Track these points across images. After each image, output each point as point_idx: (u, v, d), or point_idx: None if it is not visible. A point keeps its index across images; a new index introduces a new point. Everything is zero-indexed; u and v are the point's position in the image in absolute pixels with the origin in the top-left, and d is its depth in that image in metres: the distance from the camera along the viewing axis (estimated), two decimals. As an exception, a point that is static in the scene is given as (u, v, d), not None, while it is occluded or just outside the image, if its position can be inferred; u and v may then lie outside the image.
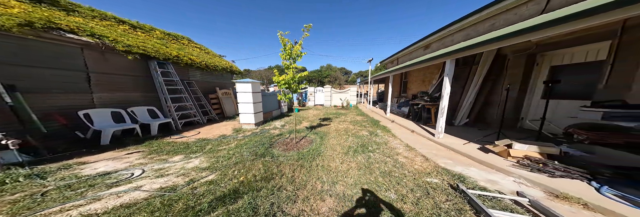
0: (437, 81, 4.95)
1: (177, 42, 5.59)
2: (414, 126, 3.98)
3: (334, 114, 6.50)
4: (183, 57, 4.53)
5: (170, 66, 4.24)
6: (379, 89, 14.59)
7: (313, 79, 30.90)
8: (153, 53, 3.78)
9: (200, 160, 2.26)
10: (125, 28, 4.13)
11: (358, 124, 4.61)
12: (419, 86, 6.31)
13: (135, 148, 2.73)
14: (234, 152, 2.47)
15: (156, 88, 3.99)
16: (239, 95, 3.98)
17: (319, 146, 2.78)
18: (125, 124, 3.22)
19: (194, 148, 2.70)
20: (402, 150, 2.66)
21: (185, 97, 4.47)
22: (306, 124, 4.60)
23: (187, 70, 4.98)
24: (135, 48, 3.45)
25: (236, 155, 2.38)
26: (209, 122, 4.91)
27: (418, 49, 6.28)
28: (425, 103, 4.11)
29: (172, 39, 5.54)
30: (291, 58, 2.47)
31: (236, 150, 2.58)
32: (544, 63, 2.83)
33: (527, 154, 1.78)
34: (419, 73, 6.32)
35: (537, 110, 2.89)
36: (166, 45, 4.65)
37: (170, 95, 4.03)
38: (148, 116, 3.74)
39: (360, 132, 3.83)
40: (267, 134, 3.49)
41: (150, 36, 4.61)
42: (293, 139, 3.02)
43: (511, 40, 1.64)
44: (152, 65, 3.89)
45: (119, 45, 3.19)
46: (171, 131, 3.84)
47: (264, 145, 2.76)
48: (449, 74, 2.62)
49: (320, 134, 3.54)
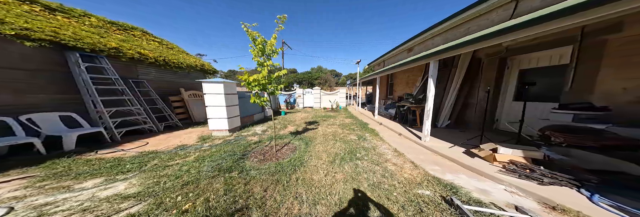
0: (420, 83, 5.09)
1: (124, 33, 4.47)
2: (401, 129, 3.94)
3: (323, 117, 6.28)
4: (127, 50, 3.61)
5: (104, 60, 3.32)
6: (367, 91, 14.95)
7: (303, 80, 30.59)
8: (72, 42, 2.85)
9: (129, 183, 1.70)
10: (33, 8, 3.06)
11: (347, 127, 4.44)
12: (403, 88, 6.47)
13: (22, 172, 1.90)
14: (189, 169, 1.97)
15: (80, 88, 3.05)
16: (208, 97, 3.42)
17: (303, 154, 2.50)
18: (13, 138, 2.29)
19: (129, 166, 2.07)
20: (391, 156, 2.52)
21: (129, 99, 3.62)
22: (292, 129, 4.27)
23: (134, 66, 4.02)
24: (39, 33, 2.56)
25: (191, 172, 1.88)
26: (167, 129, 4.17)
27: (402, 52, 6.47)
28: (410, 105, 4.13)
29: (117, 29, 4.41)
30: (265, 55, 2.16)
31: (193, 165, 2.07)
32: (513, 67, 3.02)
33: (512, 159, 1.74)
34: (403, 75, 6.50)
35: (510, 112, 3.05)
36: (103, 35, 3.70)
37: (103, 98, 3.14)
38: (61, 125, 2.82)
39: (348, 136, 3.64)
40: (242, 142, 3.05)
41: (78, 23, 3.57)
42: (273, 146, 2.67)
43: (488, 42, 1.66)
44: (71, 57, 2.94)
45: (5, 27, 2.33)
46: (102, 143, 2.98)
47: (235, 156, 2.35)
48: (433, 76, 2.59)
49: (306, 140, 3.26)
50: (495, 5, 2.88)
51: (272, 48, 2.17)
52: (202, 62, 5.94)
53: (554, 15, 1.17)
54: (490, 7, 2.97)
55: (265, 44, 2.11)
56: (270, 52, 2.21)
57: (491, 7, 2.96)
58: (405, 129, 3.87)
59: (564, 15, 1.13)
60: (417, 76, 5.57)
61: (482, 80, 3.46)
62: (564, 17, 1.13)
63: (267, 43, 2.14)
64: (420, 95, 4.90)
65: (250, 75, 2.05)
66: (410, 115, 4.11)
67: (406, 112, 4.31)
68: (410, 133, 3.55)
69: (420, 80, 5.16)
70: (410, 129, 3.88)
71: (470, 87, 3.72)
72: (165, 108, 4.37)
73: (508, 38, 1.47)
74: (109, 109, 3.21)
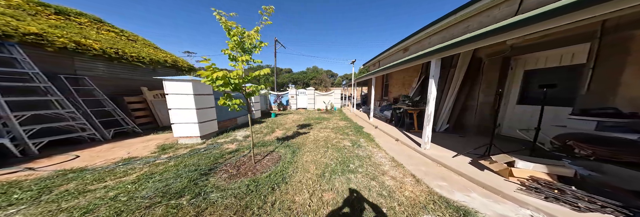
0: (417, 84, 4.86)
1: (63, 19, 3.57)
2: (397, 133, 3.64)
3: (316, 119, 5.89)
4: (56, 38, 2.80)
5: (14, 49, 2.59)
6: (363, 92, 14.77)
7: (298, 80, 30.09)
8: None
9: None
10: None
11: (340, 131, 4.08)
12: (399, 89, 6.25)
13: None
14: (117, 195, 1.45)
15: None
16: (171, 98, 2.84)
17: (287, 166, 2.10)
18: None
19: (20, 195, 1.45)
20: (388, 167, 2.18)
21: (59, 100, 2.87)
22: (280, 133, 3.84)
23: (70, 59, 3.23)
24: None
25: (118, 200, 1.37)
26: (119, 137, 3.40)
27: (397, 52, 6.26)
28: (407, 107, 3.85)
29: (53, 13, 3.52)
30: (242, 49, 1.75)
31: (127, 188, 1.54)
32: (518, 67, 2.82)
33: (533, 175, 1.45)
34: (399, 76, 6.29)
35: (514, 116, 2.83)
36: (21, 17, 2.84)
37: (11, 98, 2.42)
38: None
39: (342, 142, 3.28)
40: (214, 152, 2.54)
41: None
42: (252, 157, 2.23)
43: (497, 38, 1.43)
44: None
45: None
46: (9, 158, 2.25)
47: (197, 172, 1.87)
48: (434, 76, 2.30)
49: (294, 147, 2.85)
50: (499, 0, 2.67)
51: (253, 42, 1.77)
52: (174, 58, 5.16)
53: (572, 7, 0.97)
54: (494, 2, 2.75)
55: (243, 36, 1.71)
56: (251, 47, 1.80)
57: (494, 2, 2.75)
58: (402, 134, 3.57)
59: (582, 7, 0.94)
60: (413, 77, 5.36)
61: (483, 81, 3.24)
62: (584, 9, 0.93)
63: (246, 35, 1.73)
64: (416, 97, 4.67)
65: (227, 72, 1.62)
66: (407, 118, 3.84)
67: (402, 115, 4.03)
68: (407, 139, 3.25)
69: (417, 82, 4.93)
70: (408, 133, 3.59)
71: (469, 89, 3.50)
72: (117, 111, 3.59)
73: (521, 33, 1.24)
74: (20, 114, 2.45)
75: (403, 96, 4.44)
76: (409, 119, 3.83)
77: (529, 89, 2.73)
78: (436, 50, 2.17)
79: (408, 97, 4.33)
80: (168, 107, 2.87)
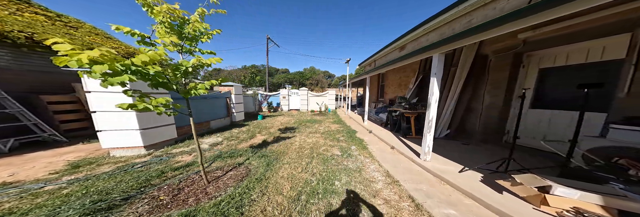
0: (414, 85, 4.50)
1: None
2: (393, 139, 3.23)
3: (307, 122, 5.43)
4: None
5: None
6: (359, 93, 14.44)
7: (294, 80, 29.60)
8: None
9: None
10: None
11: (331, 137, 3.63)
12: (395, 90, 5.89)
13: None
14: None
15: None
16: (96, 97, 2.12)
17: (253, 185, 1.64)
18: None
19: None
20: (382, 184, 1.75)
21: None
22: (260, 139, 3.35)
23: None
24: None
25: None
26: (28, 148, 2.63)
27: (394, 51, 5.92)
28: (403, 110, 3.45)
29: None
30: (178, 34, 1.29)
31: None
32: (531, 65, 2.46)
33: (579, 207, 1.03)
34: (395, 76, 5.93)
35: (526, 122, 2.46)
36: None
37: None
38: None
39: (330, 150, 2.83)
40: (155, 168, 1.92)
41: None
42: (205, 175, 1.68)
43: (516, 24, 1.11)
44: None
45: None
46: None
47: (103, 202, 1.31)
48: (437, 74, 1.90)
49: (271, 158, 2.38)
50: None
51: (199, 28, 1.31)
52: (131, 50, 4.12)
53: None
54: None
55: (182, 19, 1.24)
56: (196, 34, 1.34)
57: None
58: (398, 140, 3.16)
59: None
60: (409, 77, 5.01)
61: (488, 81, 2.88)
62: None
63: (186, 20, 1.27)
64: (413, 98, 4.29)
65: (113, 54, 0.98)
66: (404, 122, 3.43)
67: (399, 119, 3.62)
68: (404, 146, 2.84)
69: (414, 82, 4.57)
70: (405, 140, 3.18)
71: (473, 91, 3.14)
72: (27, 114, 2.73)
73: (548, 16, 0.96)
74: None
75: (399, 98, 4.05)
76: (405, 123, 3.42)
77: (544, 91, 2.37)
78: (439, 42, 1.77)
79: (405, 99, 3.94)
80: (91, 108, 2.16)
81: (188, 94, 1.35)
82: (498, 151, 2.50)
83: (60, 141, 2.95)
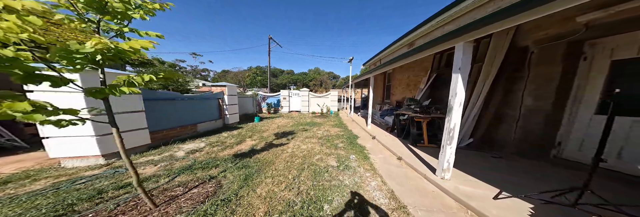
0: (426, 85, 3.97)
1: None
2: (401, 148, 2.75)
3: (306, 125, 5.07)
4: None
5: None
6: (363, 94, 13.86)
7: (298, 81, 29.58)
8: None
9: None
10: None
11: (329, 143, 3.23)
12: (403, 91, 5.35)
13: None
14: None
15: None
16: (35, 97, 1.59)
17: (212, 211, 1.27)
18: None
19: None
20: (385, 209, 1.35)
21: None
22: (248, 145, 3.03)
23: None
24: None
25: None
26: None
27: (402, 48, 5.41)
28: (413, 114, 2.95)
29: None
30: (97, 8, 0.96)
31: None
32: (597, 57, 1.80)
33: None
34: (403, 75, 5.40)
35: (589, 131, 1.83)
36: None
37: None
38: None
39: (326, 159, 2.44)
40: (101, 184, 1.56)
41: None
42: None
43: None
44: None
45: None
46: None
47: None
48: (463, 69, 1.48)
49: (252, 169, 2.04)
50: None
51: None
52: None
53: None
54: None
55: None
56: (130, 8, 1.00)
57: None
58: (406, 149, 2.68)
59: None
60: (420, 76, 4.47)
61: (529, 80, 2.30)
62: None
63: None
64: (425, 100, 3.76)
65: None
66: (414, 128, 2.93)
67: (408, 124, 3.13)
68: (414, 157, 2.36)
69: (426, 82, 4.04)
70: (415, 149, 2.69)
71: (504, 92, 2.57)
72: None
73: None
74: None
75: (408, 100, 3.54)
76: (416, 129, 2.93)
77: (622, 90, 1.73)
78: (467, 27, 1.34)
79: (415, 101, 3.43)
80: None
81: (101, 94, 0.99)
82: (546, 168, 1.95)
83: (20, 146, 2.63)
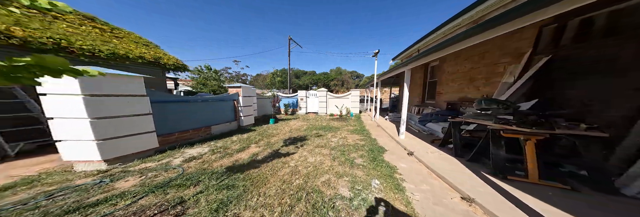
0: (519, 79, 2.38)
1: (41, 13, 3.18)
2: (466, 177, 1.59)
3: (321, 129, 4.34)
4: None
5: None
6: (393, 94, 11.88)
7: (319, 81, 29.26)
8: None
9: None
10: None
11: (344, 156, 2.40)
12: (460, 89, 3.77)
13: None
14: None
15: None
16: (51, 100, 1.73)
17: None
18: None
19: None
20: None
21: None
22: (248, 153, 2.54)
23: None
24: None
25: None
26: (41, 151, 2.41)
27: (458, 29, 3.86)
28: (499, 126, 1.68)
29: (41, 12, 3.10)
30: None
31: None
32: None
33: None
34: (460, 66, 3.81)
35: None
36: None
37: None
38: None
39: (334, 184, 1.67)
40: (62, 203, 1.27)
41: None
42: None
43: None
44: None
45: None
46: None
47: None
48: None
49: (235, 191, 1.52)
50: None
51: None
52: (158, 55, 4.44)
53: None
54: None
55: None
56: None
57: None
58: (480, 181, 1.52)
59: None
60: (500, 65, 2.84)
61: None
62: None
63: None
64: (519, 101, 2.18)
65: None
66: (501, 148, 1.66)
67: (483, 140, 1.86)
68: (504, 201, 1.19)
69: (520, 72, 2.38)
70: (499, 182, 1.47)
71: None
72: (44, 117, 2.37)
73: None
74: None
75: (485, 101, 2.05)
76: (503, 152, 1.66)
77: None
78: None
79: (500, 103, 2.00)
80: (47, 114, 1.76)
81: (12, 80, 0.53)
82: None
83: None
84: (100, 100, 1.82)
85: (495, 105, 1.81)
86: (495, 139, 1.68)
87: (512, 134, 1.59)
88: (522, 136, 1.54)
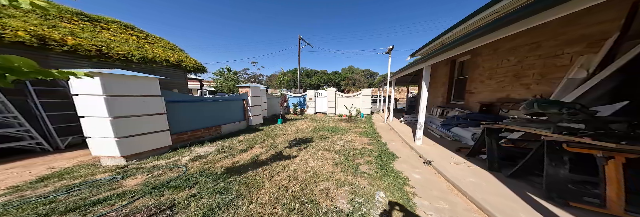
0: (595, 72, 1.78)
1: (91, 24, 3.70)
2: (504, 199, 1.19)
3: (327, 130, 4.15)
4: (9, 33, 2.36)
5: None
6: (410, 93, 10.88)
7: (330, 81, 28.78)
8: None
9: None
10: None
11: (348, 162, 2.18)
12: (501, 87, 3.10)
13: None
14: None
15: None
16: (81, 101, 1.92)
17: None
18: None
19: None
20: None
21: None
22: (251, 154, 2.50)
23: (44, 56, 2.74)
24: None
25: None
26: (77, 146, 2.63)
27: (491, 14, 3.17)
28: (564, 137, 1.23)
29: (84, 20, 3.65)
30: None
31: None
32: None
33: None
34: (505, 59, 3.12)
35: None
36: (47, 23, 2.92)
37: None
38: None
39: (333, 194, 1.50)
40: (75, 198, 1.35)
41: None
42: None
43: None
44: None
45: None
46: None
47: None
48: None
49: (227, 197, 1.44)
50: None
51: None
52: (181, 58, 4.93)
53: None
54: None
55: None
56: None
57: None
58: (527, 206, 1.11)
59: None
60: (562, 57, 2.21)
61: None
62: None
63: None
64: (599, 99, 1.62)
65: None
66: (563, 166, 1.22)
67: (534, 154, 1.41)
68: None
69: (598, 64, 1.80)
70: (555, 210, 1.06)
71: None
72: None
73: None
74: None
75: (539, 103, 1.45)
76: (566, 171, 1.22)
77: None
78: None
79: (570, 107, 1.37)
80: (79, 113, 1.97)
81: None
82: None
83: (57, 148, 2.73)
84: (119, 101, 1.98)
85: (557, 108, 1.32)
86: (554, 153, 1.24)
87: (582, 148, 1.15)
88: (600, 152, 1.09)
